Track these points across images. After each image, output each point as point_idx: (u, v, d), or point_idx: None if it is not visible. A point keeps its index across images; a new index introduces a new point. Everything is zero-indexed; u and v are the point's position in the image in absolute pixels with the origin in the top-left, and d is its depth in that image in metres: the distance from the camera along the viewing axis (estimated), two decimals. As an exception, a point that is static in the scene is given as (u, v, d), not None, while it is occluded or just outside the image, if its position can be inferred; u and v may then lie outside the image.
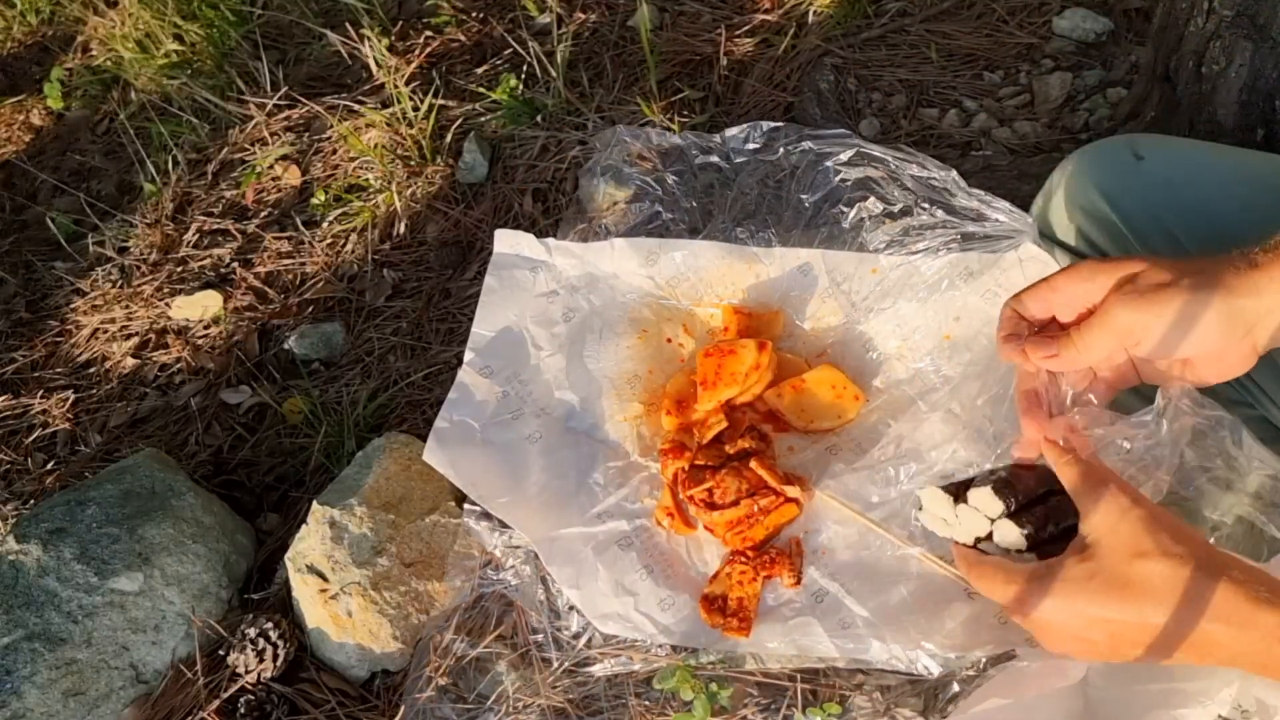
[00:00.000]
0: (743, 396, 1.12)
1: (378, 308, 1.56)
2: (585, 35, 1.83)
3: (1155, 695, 0.77)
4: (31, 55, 2.41)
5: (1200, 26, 1.18)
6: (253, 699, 1.09)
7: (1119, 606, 0.65)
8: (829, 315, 1.19)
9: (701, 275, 1.23)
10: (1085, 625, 0.67)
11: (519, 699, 1.03)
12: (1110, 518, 0.67)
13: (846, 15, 1.70)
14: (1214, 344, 0.70)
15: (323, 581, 1.12)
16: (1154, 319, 0.70)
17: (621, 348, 1.20)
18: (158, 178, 1.86)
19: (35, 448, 1.54)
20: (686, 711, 0.97)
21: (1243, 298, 0.68)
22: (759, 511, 1.03)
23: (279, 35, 2.09)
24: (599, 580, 1.03)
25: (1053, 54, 1.59)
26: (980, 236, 1.15)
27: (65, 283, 1.79)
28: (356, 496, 1.16)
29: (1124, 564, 0.65)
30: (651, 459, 1.12)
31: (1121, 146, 0.97)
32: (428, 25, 1.94)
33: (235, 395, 1.51)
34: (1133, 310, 0.71)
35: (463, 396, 1.16)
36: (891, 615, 0.97)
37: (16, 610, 1.14)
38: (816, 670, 0.99)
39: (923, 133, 1.53)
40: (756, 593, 1.00)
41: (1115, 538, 0.66)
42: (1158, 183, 0.92)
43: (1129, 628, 0.65)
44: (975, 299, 1.13)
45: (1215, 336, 0.70)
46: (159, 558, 1.19)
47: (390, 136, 1.71)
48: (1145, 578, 0.64)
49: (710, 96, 1.66)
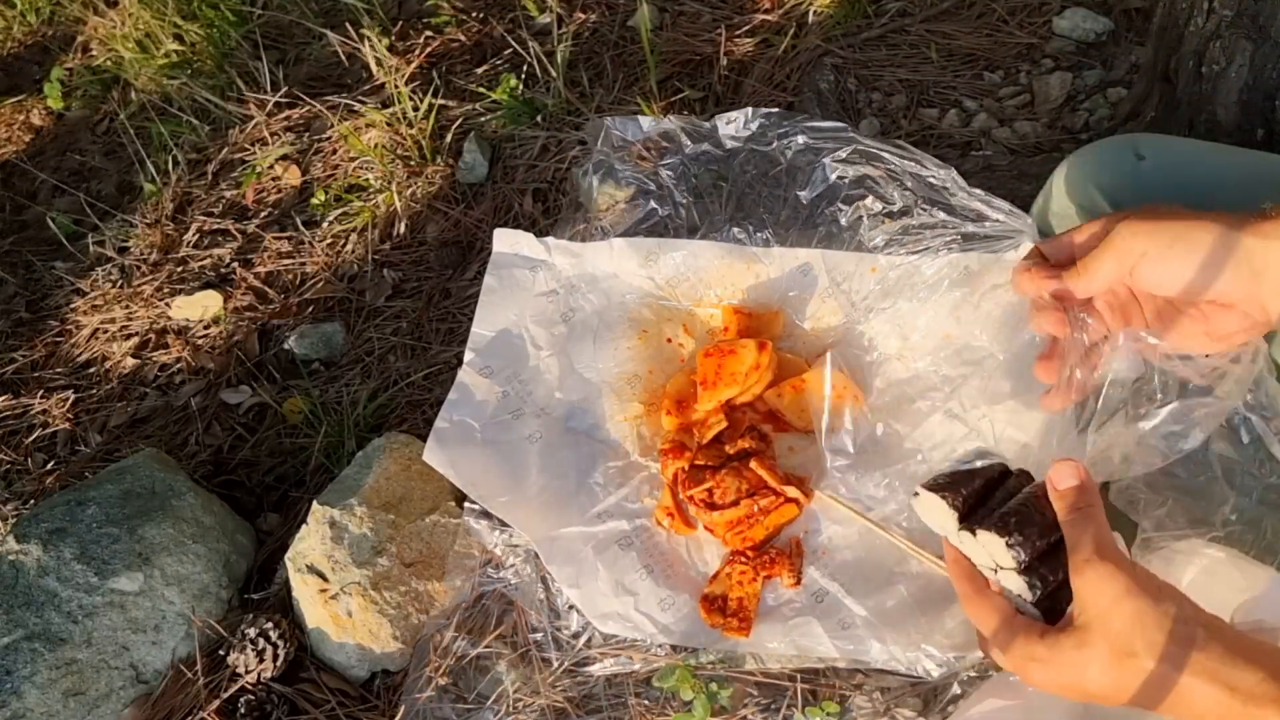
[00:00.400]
0: (743, 396, 1.12)
1: (378, 308, 1.56)
2: (585, 35, 1.83)
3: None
4: (31, 55, 2.41)
5: (1200, 26, 1.18)
6: (253, 699, 1.09)
7: (1105, 695, 0.67)
8: (829, 315, 1.19)
9: (701, 275, 1.23)
10: (1069, 693, 0.69)
11: (519, 699, 1.03)
12: (1103, 607, 0.67)
13: (846, 15, 1.70)
14: (1219, 282, 0.70)
15: (323, 581, 1.12)
16: (1156, 241, 0.71)
17: (621, 348, 1.20)
18: (158, 178, 1.86)
19: (35, 448, 1.54)
20: (686, 711, 0.97)
21: (1250, 236, 0.68)
22: (759, 512, 1.03)
23: (279, 35, 2.09)
24: (599, 580, 1.03)
25: (1053, 54, 1.59)
26: (980, 236, 1.15)
27: (65, 283, 1.79)
28: (356, 496, 1.16)
29: (1115, 663, 0.66)
30: (651, 459, 1.12)
31: (1122, 146, 0.98)
32: (428, 25, 1.94)
33: (235, 395, 1.51)
34: (1135, 232, 0.71)
35: (463, 396, 1.16)
36: (891, 615, 0.97)
37: (16, 610, 1.14)
38: (816, 670, 0.99)
39: (923, 133, 1.53)
40: (756, 593, 1.00)
41: (1106, 631, 0.66)
42: (1158, 183, 0.92)
43: (1121, 714, 0.67)
44: (975, 299, 1.13)
45: (1219, 271, 0.69)
46: (159, 558, 1.19)
47: (390, 136, 1.71)
48: (1134, 676, 0.65)
49: (710, 96, 1.66)
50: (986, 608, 0.74)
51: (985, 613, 0.74)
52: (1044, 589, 0.73)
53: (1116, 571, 0.67)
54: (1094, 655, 0.66)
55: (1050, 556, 0.73)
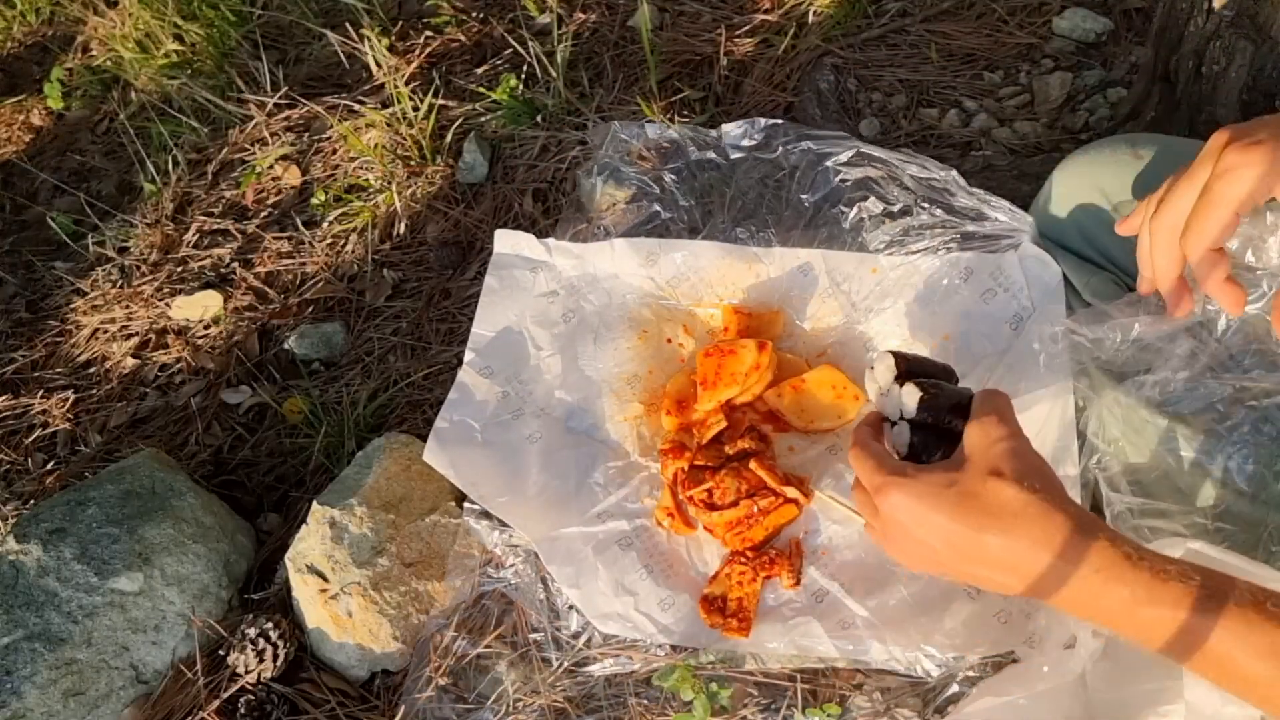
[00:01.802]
0: (743, 396, 1.12)
1: (378, 308, 1.56)
2: (585, 35, 1.83)
3: (1150, 694, 0.78)
4: (31, 55, 2.41)
5: (1200, 26, 1.18)
6: (253, 699, 1.09)
7: (961, 516, 0.67)
8: (829, 315, 1.19)
9: (701, 275, 1.23)
10: (927, 530, 0.69)
11: (519, 698, 1.03)
12: (986, 439, 0.70)
13: (846, 15, 1.70)
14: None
15: (323, 581, 1.12)
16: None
17: (621, 348, 1.20)
18: (158, 178, 1.86)
19: (35, 448, 1.54)
20: (686, 711, 0.97)
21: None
22: (758, 512, 1.03)
23: (279, 35, 2.09)
24: (599, 580, 1.03)
25: (1053, 54, 1.59)
26: (980, 236, 1.15)
27: (65, 283, 1.79)
28: (356, 496, 1.16)
29: (979, 480, 0.67)
30: (651, 459, 1.12)
31: (1123, 146, 0.98)
32: (428, 25, 1.94)
33: (235, 395, 1.51)
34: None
35: (463, 396, 1.17)
36: (891, 616, 0.97)
37: (16, 610, 1.14)
38: (816, 670, 0.99)
39: (923, 133, 1.53)
40: (756, 593, 1.00)
41: (981, 457, 0.69)
42: (1158, 182, 0.92)
43: (968, 542, 0.67)
44: (975, 298, 1.13)
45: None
46: (159, 558, 1.19)
47: (390, 136, 1.71)
48: (993, 495, 0.66)
49: (710, 96, 1.66)
50: (869, 451, 0.76)
51: (867, 455, 0.76)
52: (925, 451, 0.80)
53: (1005, 422, 0.71)
54: (959, 477, 0.68)
55: (943, 438, 0.80)
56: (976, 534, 0.66)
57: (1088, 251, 1.02)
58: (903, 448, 0.82)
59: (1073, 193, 1.01)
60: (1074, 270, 1.02)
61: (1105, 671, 0.83)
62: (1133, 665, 0.82)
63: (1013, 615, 0.94)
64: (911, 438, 0.81)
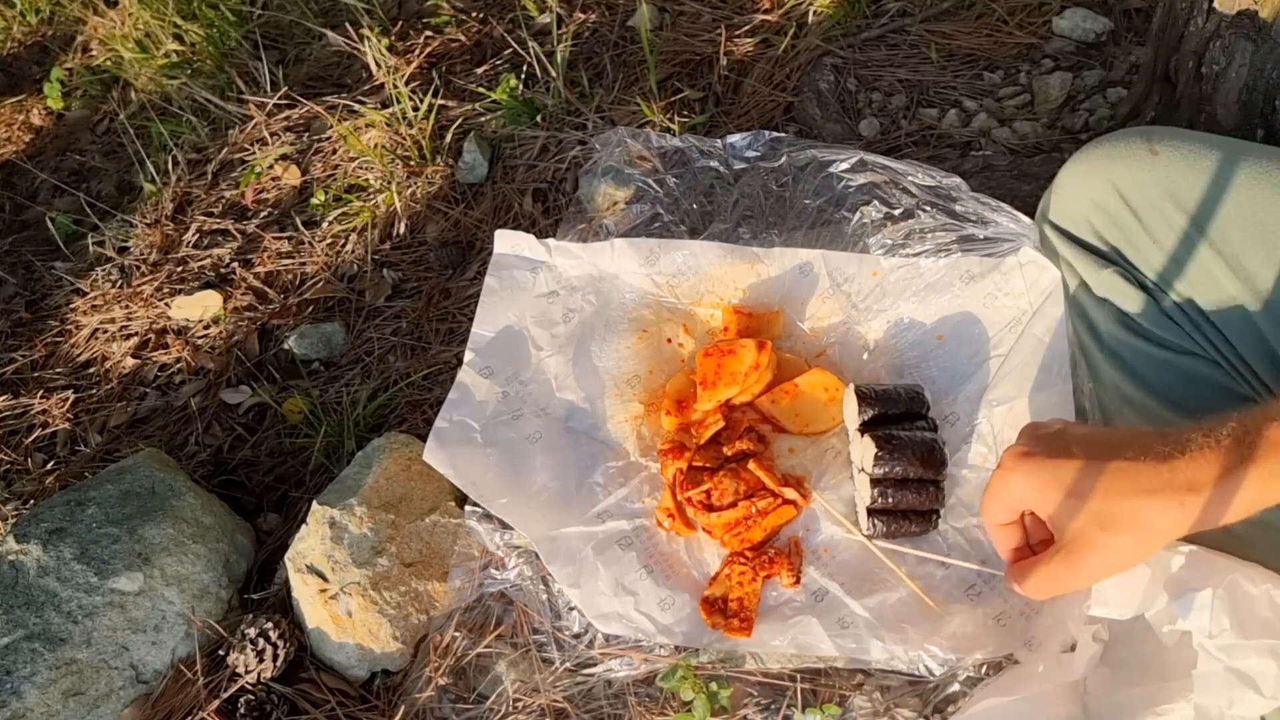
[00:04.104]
0: (742, 396, 1.12)
1: (378, 308, 1.56)
2: (585, 35, 1.83)
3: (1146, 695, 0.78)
4: (31, 55, 2.41)
5: (1200, 26, 1.18)
6: (253, 699, 1.09)
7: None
8: (829, 315, 1.19)
9: (702, 275, 1.23)
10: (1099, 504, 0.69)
11: (519, 699, 1.03)
12: (1066, 515, 0.71)
13: (846, 15, 1.70)
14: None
15: (323, 581, 1.12)
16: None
17: (622, 348, 1.20)
18: (158, 178, 1.86)
19: (35, 448, 1.54)
20: (686, 711, 0.97)
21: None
22: (757, 513, 1.03)
23: (279, 35, 2.09)
24: (599, 580, 1.03)
25: (1053, 54, 1.59)
26: (981, 240, 1.15)
27: (65, 283, 1.79)
28: (356, 496, 1.16)
29: (1090, 532, 0.69)
30: (651, 459, 1.12)
31: (1137, 139, 0.96)
32: (428, 25, 1.94)
33: (235, 395, 1.51)
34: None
35: (463, 396, 1.17)
36: (892, 616, 0.97)
37: (16, 610, 1.14)
38: (816, 670, 0.99)
39: (923, 133, 1.53)
40: (756, 592, 1.00)
41: (1068, 523, 0.70)
42: (1175, 175, 0.91)
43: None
44: (975, 302, 1.13)
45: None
46: (159, 558, 1.19)
47: (390, 136, 1.71)
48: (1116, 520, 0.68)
49: (710, 96, 1.66)
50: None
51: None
52: (882, 504, 0.99)
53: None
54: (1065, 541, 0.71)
55: (903, 486, 0.98)
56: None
57: (1099, 245, 1.01)
58: (867, 498, 0.99)
59: (1085, 185, 0.99)
60: (1084, 264, 1.00)
61: (1104, 676, 0.83)
62: (1131, 668, 0.82)
63: (1011, 618, 0.94)
64: (872, 489, 0.98)
